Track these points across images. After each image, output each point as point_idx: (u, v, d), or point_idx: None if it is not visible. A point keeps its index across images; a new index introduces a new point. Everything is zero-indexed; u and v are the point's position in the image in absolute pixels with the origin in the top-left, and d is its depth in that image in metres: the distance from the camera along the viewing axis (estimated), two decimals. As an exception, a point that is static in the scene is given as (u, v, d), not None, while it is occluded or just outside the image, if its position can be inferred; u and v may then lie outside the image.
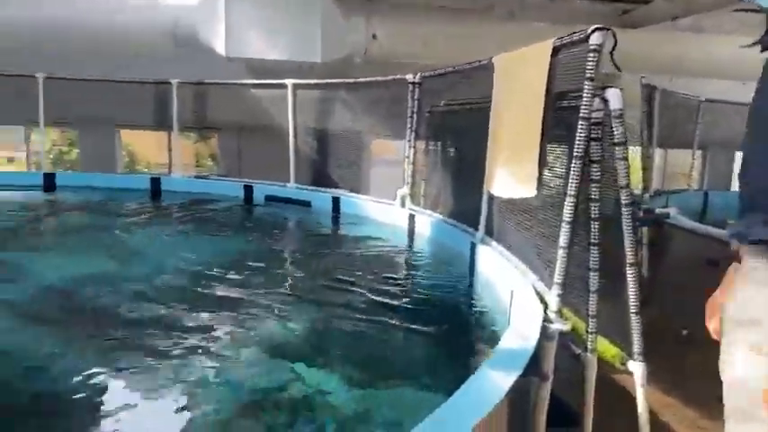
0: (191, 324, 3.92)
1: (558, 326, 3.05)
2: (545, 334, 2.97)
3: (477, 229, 5.30)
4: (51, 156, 18.86)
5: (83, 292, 4.66)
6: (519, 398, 2.67)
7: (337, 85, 8.72)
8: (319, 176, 9.11)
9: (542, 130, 3.62)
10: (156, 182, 10.20)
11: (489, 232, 5.09)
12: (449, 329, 4.10)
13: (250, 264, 5.71)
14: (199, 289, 4.77)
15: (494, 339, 3.19)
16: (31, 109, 10.05)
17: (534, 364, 2.79)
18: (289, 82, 9.11)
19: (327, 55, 10.45)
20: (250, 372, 3.31)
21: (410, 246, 6.93)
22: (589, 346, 3.15)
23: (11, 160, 17.65)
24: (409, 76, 7.21)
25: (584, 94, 3.07)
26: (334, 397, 3.04)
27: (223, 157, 12.73)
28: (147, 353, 3.47)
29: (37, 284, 4.81)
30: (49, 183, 10.01)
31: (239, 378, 3.23)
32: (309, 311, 4.27)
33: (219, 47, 10.27)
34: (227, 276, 5.19)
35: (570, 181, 3.16)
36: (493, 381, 2.38)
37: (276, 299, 4.52)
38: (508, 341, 2.83)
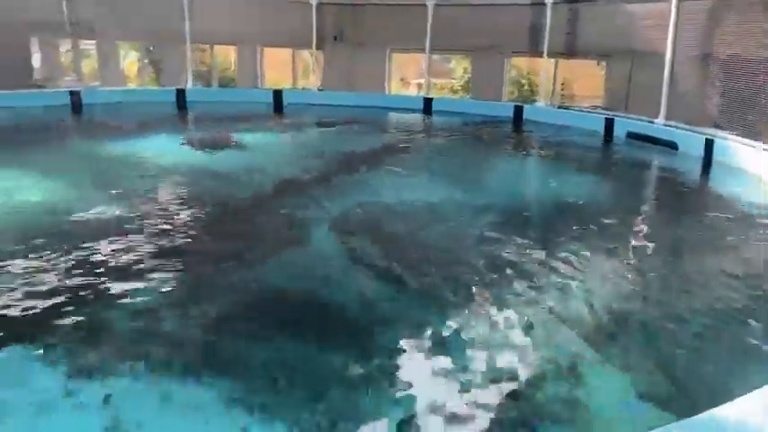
0: (502, 272, 3.45)
1: None
2: None
3: None
4: (461, 83, 20.25)
5: (418, 217, 4.63)
6: None
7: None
8: (699, 114, 7.30)
9: None
10: (518, 110, 9.96)
11: None
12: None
13: (585, 218, 4.78)
14: (526, 237, 4.20)
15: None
16: (424, 37, 10.88)
17: None
18: (672, -7, 7.39)
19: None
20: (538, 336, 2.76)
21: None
22: None
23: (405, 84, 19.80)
24: None
25: None
26: (604, 399, 2.30)
27: (608, 86, 11.51)
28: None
29: (383, 205, 4.92)
30: (427, 106, 10.82)
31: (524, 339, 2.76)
32: (629, 294, 3.29)
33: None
34: (556, 227, 4.51)
35: None
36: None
37: (608, 270, 3.67)
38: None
